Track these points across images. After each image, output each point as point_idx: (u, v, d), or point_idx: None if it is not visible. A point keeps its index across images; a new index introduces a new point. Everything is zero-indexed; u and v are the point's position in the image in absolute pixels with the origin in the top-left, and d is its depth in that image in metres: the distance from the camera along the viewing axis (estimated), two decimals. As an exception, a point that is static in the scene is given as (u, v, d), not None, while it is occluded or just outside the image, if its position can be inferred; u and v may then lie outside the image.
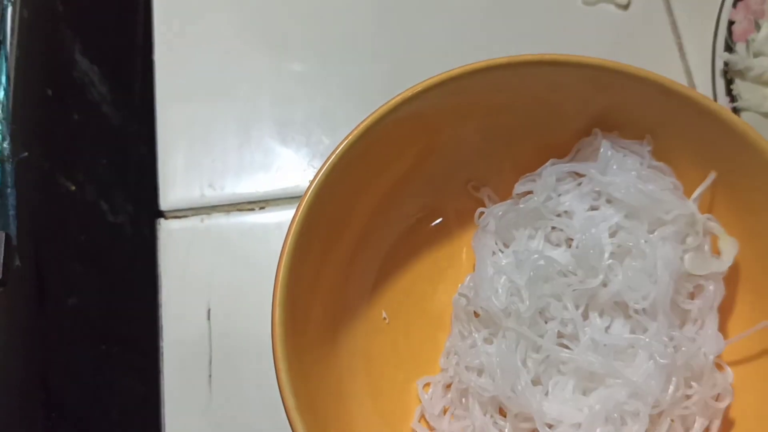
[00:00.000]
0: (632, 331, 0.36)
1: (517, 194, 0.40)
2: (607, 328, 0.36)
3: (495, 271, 0.37)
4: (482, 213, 0.40)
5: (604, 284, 0.36)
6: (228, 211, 0.45)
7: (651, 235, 0.37)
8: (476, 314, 0.38)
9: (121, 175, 0.53)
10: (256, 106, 0.47)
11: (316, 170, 0.45)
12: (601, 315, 0.36)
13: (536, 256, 0.36)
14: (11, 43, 0.39)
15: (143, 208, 0.51)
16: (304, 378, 0.33)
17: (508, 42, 0.49)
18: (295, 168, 0.46)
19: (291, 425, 0.30)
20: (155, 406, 0.40)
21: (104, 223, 0.50)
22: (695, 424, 0.35)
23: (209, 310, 0.42)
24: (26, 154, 0.39)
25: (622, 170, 0.38)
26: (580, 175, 0.39)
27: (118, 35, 0.57)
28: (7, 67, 0.38)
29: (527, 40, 0.49)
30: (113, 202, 0.51)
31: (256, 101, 0.47)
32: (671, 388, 0.34)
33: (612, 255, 0.37)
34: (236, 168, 0.46)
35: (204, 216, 0.44)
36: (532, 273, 0.36)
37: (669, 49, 0.49)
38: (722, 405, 0.36)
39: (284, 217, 0.45)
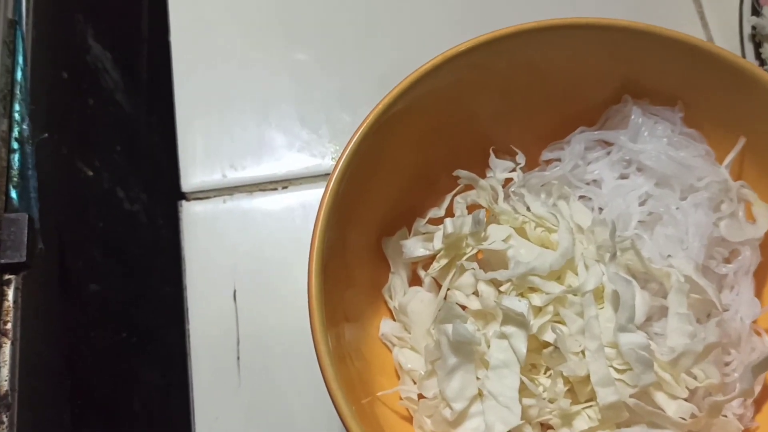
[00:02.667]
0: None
1: (544, 161, 0.40)
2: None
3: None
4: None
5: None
6: (250, 192, 0.44)
7: (683, 202, 0.37)
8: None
9: (135, 164, 0.52)
10: (274, 87, 0.47)
11: (337, 148, 0.45)
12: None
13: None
14: (27, 23, 0.39)
15: (158, 198, 0.50)
16: (341, 353, 0.33)
17: (526, 11, 0.48)
18: (316, 146, 0.45)
19: (333, 401, 0.29)
20: (184, 389, 0.39)
21: (122, 211, 0.49)
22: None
23: (235, 291, 0.42)
24: (46, 135, 0.38)
25: (653, 137, 0.38)
26: (609, 144, 0.39)
27: (128, 24, 0.56)
28: (24, 48, 0.38)
29: (541, 10, 0.48)
30: (129, 190, 0.50)
31: (274, 82, 0.47)
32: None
33: (641, 224, 0.37)
34: (257, 148, 0.45)
35: (226, 197, 0.44)
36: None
37: (690, 18, 0.48)
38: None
39: (307, 195, 0.44)
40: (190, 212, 0.43)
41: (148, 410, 0.44)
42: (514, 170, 0.38)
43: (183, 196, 0.44)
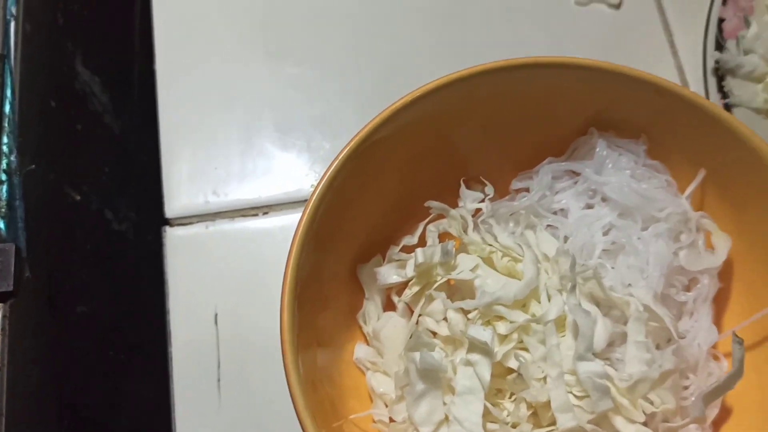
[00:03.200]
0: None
1: (514, 190, 0.41)
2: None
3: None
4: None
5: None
6: (232, 218, 0.46)
7: (644, 233, 0.38)
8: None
9: (123, 184, 0.54)
10: (256, 113, 0.48)
11: (317, 175, 0.47)
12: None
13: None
14: (15, 57, 0.40)
15: (146, 215, 0.52)
16: (313, 379, 0.34)
17: (502, 45, 0.50)
18: (296, 173, 0.47)
19: (302, 427, 0.31)
20: (166, 411, 0.41)
21: (110, 231, 0.51)
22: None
23: (216, 315, 0.43)
24: (33, 166, 0.40)
25: (617, 169, 0.39)
26: (577, 174, 0.40)
27: (118, 46, 0.57)
28: (12, 81, 0.39)
29: (521, 42, 0.50)
30: (117, 210, 0.51)
31: (257, 108, 0.48)
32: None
33: (605, 253, 0.38)
34: (239, 174, 0.47)
35: (209, 222, 0.45)
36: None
37: (661, 47, 0.50)
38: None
39: (288, 221, 0.45)
40: (174, 237, 0.45)
41: (136, 428, 0.46)
42: (483, 201, 0.39)
43: (167, 222, 0.45)
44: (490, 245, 0.38)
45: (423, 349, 0.34)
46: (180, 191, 0.46)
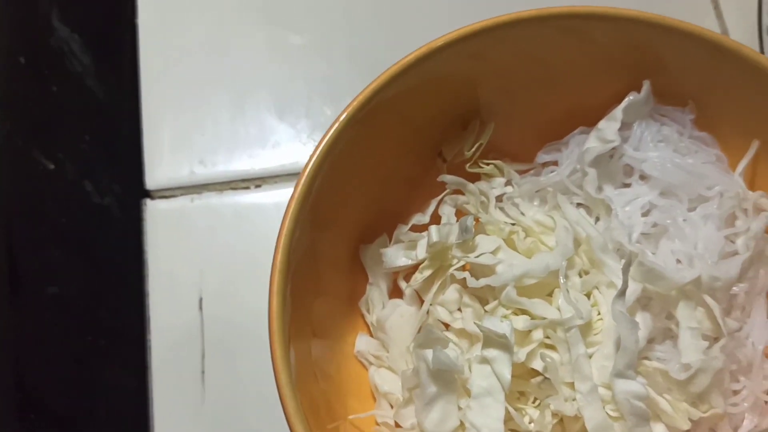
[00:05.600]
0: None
1: (540, 164, 0.36)
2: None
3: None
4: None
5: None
6: (221, 190, 0.41)
7: (691, 214, 0.33)
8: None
9: (107, 154, 0.49)
10: (250, 75, 0.43)
11: (316, 143, 0.42)
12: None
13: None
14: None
15: (130, 188, 0.47)
16: (306, 374, 0.30)
17: None
18: (293, 142, 0.42)
19: (291, 430, 0.26)
20: (144, 406, 0.36)
21: (89, 204, 0.46)
22: (744, 422, 0.32)
23: (201, 299, 0.39)
24: (-7, 127, 0.35)
25: (657, 143, 0.35)
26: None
27: (101, 2, 0.52)
28: (-31, 31, 0.34)
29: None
30: (99, 182, 0.47)
31: (251, 69, 0.43)
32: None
33: (644, 237, 0.34)
34: (229, 143, 0.42)
35: (194, 195, 0.41)
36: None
37: (704, 8, 0.44)
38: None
39: (282, 195, 0.41)
40: (155, 211, 0.40)
41: (111, 422, 0.41)
42: (508, 183, 0.35)
43: (147, 194, 0.40)
44: (512, 223, 0.33)
45: (436, 346, 0.29)
46: (162, 160, 0.41)
